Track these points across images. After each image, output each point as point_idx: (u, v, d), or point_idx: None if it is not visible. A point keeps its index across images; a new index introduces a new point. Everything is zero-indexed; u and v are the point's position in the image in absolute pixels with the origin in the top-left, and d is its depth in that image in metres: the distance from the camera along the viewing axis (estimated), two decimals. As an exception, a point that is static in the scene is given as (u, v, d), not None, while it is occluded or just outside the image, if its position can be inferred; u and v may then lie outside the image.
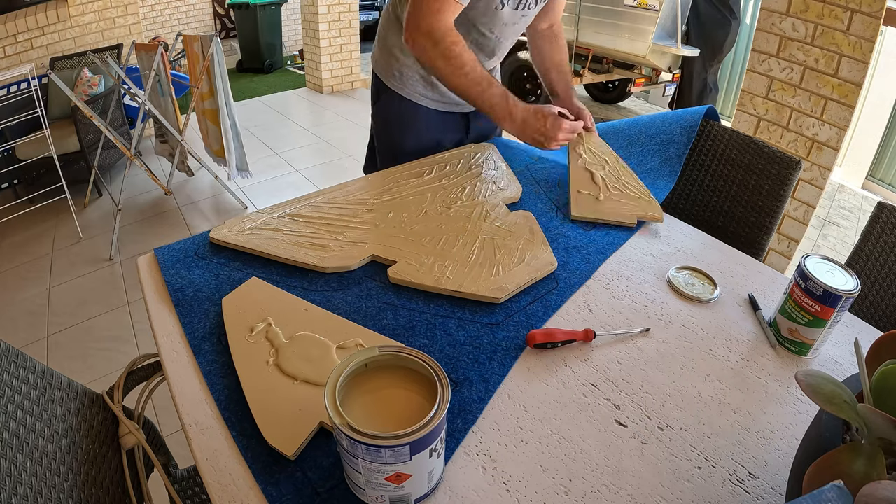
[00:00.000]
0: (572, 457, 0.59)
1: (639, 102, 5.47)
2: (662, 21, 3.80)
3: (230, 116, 2.72)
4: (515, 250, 0.90)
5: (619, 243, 0.97)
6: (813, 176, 1.97)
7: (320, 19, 4.68)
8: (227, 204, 2.99)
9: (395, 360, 0.56)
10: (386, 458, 0.48)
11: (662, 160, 1.19)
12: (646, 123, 1.27)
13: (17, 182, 2.96)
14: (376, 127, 1.37)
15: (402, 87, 1.24)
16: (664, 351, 0.74)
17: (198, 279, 0.84)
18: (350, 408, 0.52)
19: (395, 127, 1.30)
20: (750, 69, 2.05)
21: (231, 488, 0.55)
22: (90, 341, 2.01)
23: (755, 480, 0.57)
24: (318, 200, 1.04)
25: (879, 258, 1.01)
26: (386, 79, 1.26)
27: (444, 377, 0.52)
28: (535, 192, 1.13)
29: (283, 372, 0.66)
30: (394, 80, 1.24)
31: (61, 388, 0.65)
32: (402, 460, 0.49)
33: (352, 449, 0.49)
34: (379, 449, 0.47)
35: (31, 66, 2.63)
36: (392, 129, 1.31)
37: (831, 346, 0.77)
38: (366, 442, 0.47)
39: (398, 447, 0.48)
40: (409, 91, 1.24)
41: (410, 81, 1.23)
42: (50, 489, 0.56)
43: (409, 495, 0.53)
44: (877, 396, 0.44)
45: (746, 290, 0.87)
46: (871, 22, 1.69)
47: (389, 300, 0.81)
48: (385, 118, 1.31)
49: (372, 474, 0.50)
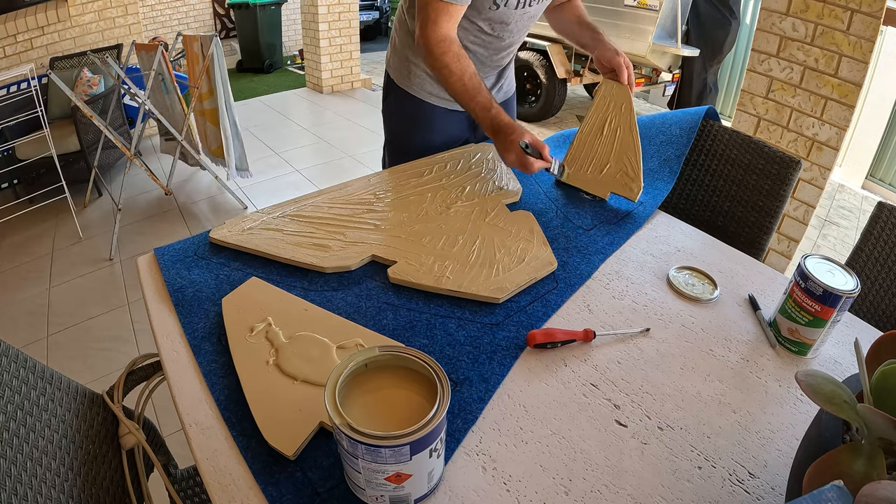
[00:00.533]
0: (572, 457, 0.59)
1: (639, 102, 5.47)
2: (662, 21, 3.79)
3: (230, 116, 2.72)
4: (515, 250, 0.90)
5: (620, 243, 0.97)
6: (813, 176, 1.97)
7: (320, 19, 4.68)
8: (227, 204, 2.99)
9: (395, 360, 0.56)
10: (386, 458, 0.48)
11: (661, 161, 1.19)
12: (645, 124, 1.27)
13: (17, 182, 2.96)
14: (386, 123, 1.41)
15: (410, 85, 1.27)
16: (664, 351, 0.74)
17: (198, 279, 0.84)
18: (350, 408, 0.52)
19: (404, 123, 1.33)
20: (750, 69, 2.05)
21: (231, 488, 0.55)
22: (90, 341, 2.01)
23: (755, 480, 0.57)
24: (318, 200, 1.04)
25: (879, 258, 1.01)
26: (396, 76, 1.30)
27: (444, 377, 0.52)
28: (535, 191, 1.13)
29: (283, 372, 0.66)
30: (403, 78, 1.28)
31: (61, 388, 0.65)
32: (403, 460, 0.49)
33: (352, 449, 0.49)
34: (379, 449, 0.47)
35: (31, 66, 2.63)
36: (401, 126, 1.35)
37: (831, 346, 0.77)
38: (366, 442, 0.47)
39: (398, 447, 0.48)
40: (417, 89, 1.27)
41: (418, 80, 1.26)
42: (50, 489, 0.56)
43: (409, 495, 0.53)
44: (877, 396, 0.44)
45: (746, 290, 0.87)
46: (871, 22, 1.69)
47: (389, 300, 0.81)
48: (394, 114, 1.36)
49: (372, 474, 0.50)
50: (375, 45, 8.02)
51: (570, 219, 1.04)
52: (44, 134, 2.49)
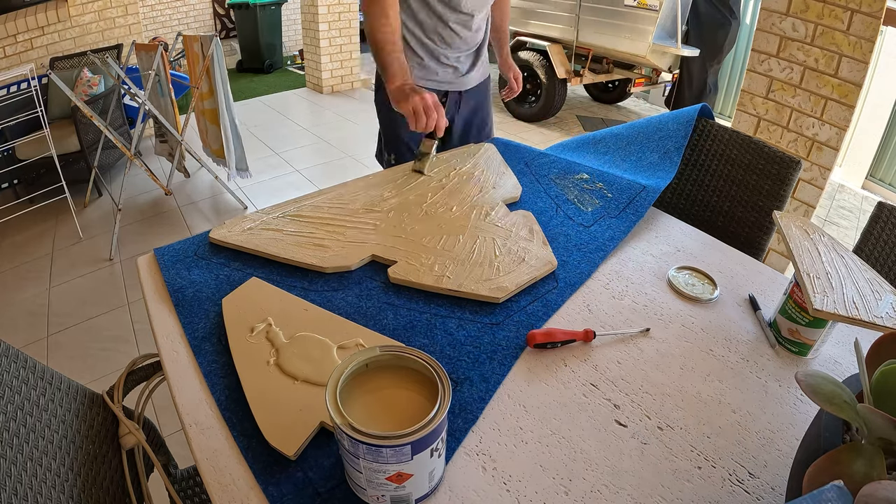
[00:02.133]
0: (572, 457, 0.59)
1: (639, 102, 5.47)
2: (662, 21, 3.79)
3: (230, 116, 2.72)
4: (515, 250, 0.90)
5: (621, 237, 0.97)
6: (813, 176, 1.97)
7: (320, 19, 4.68)
8: (226, 204, 2.99)
9: (396, 360, 0.56)
10: (387, 457, 0.48)
11: (661, 154, 1.19)
12: (642, 125, 1.28)
13: (17, 182, 2.96)
14: (379, 114, 1.47)
15: None
16: (664, 351, 0.74)
17: (198, 279, 0.84)
18: (351, 408, 0.52)
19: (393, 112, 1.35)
20: (750, 69, 2.05)
21: (231, 488, 0.55)
22: (90, 341, 2.01)
23: (755, 480, 0.57)
24: (318, 200, 1.04)
25: (879, 258, 1.01)
26: None
27: (444, 377, 0.52)
28: (535, 191, 1.13)
29: (283, 372, 0.66)
30: None
31: (61, 389, 0.65)
32: (404, 460, 0.49)
33: (353, 449, 0.49)
34: (380, 449, 0.47)
35: (31, 66, 2.63)
36: (391, 114, 1.37)
37: (831, 346, 0.77)
38: (367, 442, 0.47)
39: (399, 447, 0.48)
40: None
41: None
42: (50, 489, 0.56)
43: (410, 495, 0.53)
44: (877, 396, 0.44)
45: (746, 290, 0.87)
46: (871, 22, 1.69)
47: (389, 300, 0.81)
48: (384, 103, 1.39)
49: (373, 474, 0.50)
50: (375, 45, 8.01)
51: (571, 217, 1.04)
52: (44, 134, 2.49)
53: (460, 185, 1.10)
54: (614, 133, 1.31)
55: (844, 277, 0.72)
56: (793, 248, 0.76)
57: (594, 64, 4.38)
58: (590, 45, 4.23)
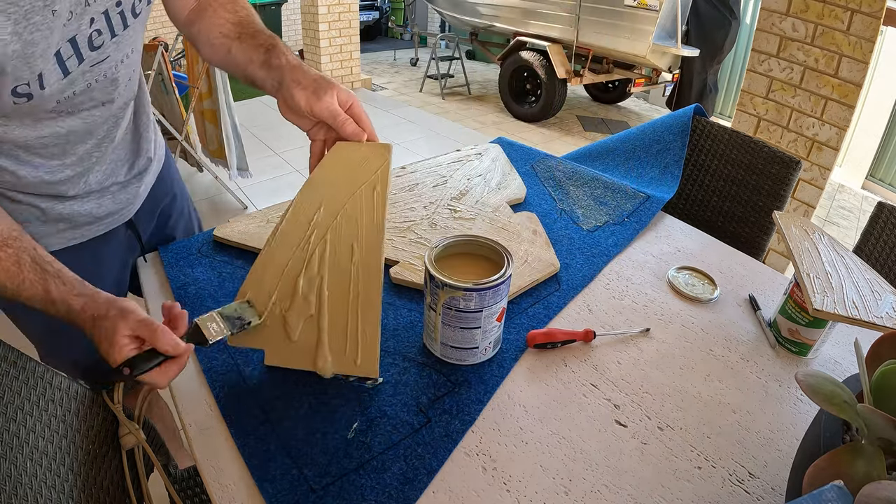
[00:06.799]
0: (572, 457, 0.59)
1: (639, 102, 5.47)
2: (662, 21, 3.80)
3: (230, 116, 2.71)
4: (519, 251, 0.90)
5: (624, 244, 0.97)
6: (813, 176, 1.97)
7: (320, 19, 4.68)
8: (227, 204, 2.99)
9: (464, 247, 0.70)
10: (500, 295, 0.63)
11: (662, 168, 1.19)
12: (637, 136, 1.26)
13: (17, 182, 2.95)
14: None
15: None
16: (664, 351, 0.74)
17: (201, 277, 0.84)
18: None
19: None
20: (750, 69, 2.05)
21: (231, 488, 0.55)
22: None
23: (755, 480, 0.57)
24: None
25: (879, 258, 1.01)
26: None
27: (506, 249, 0.67)
28: (540, 193, 1.13)
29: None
30: None
31: (61, 389, 0.65)
32: (501, 298, 0.64)
33: (478, 303, 0.62)
34: (497, 287, 0.62)
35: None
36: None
37: (831, 346, 0.77)
38: (487, 286, 0.61)
39: (499, 285, 0.62)
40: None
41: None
42: (50, 489, 0.56)
43: (500, 339, 0.71)
44: (877, 396, 0.44)
45: (746, 290, 0.87)
46: (871, 22, 1.69)
47: (389, 300, 0.81)
48: None
49: (489, 319, 0.64)
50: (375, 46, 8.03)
51: (575, 220, 1.04)
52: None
53: (462, 186, 1.09)
54: (611, 147, 1.29)
55: (844, 277, 0.72)
56: (793, 248, 0.76)
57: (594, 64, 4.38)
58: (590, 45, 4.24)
